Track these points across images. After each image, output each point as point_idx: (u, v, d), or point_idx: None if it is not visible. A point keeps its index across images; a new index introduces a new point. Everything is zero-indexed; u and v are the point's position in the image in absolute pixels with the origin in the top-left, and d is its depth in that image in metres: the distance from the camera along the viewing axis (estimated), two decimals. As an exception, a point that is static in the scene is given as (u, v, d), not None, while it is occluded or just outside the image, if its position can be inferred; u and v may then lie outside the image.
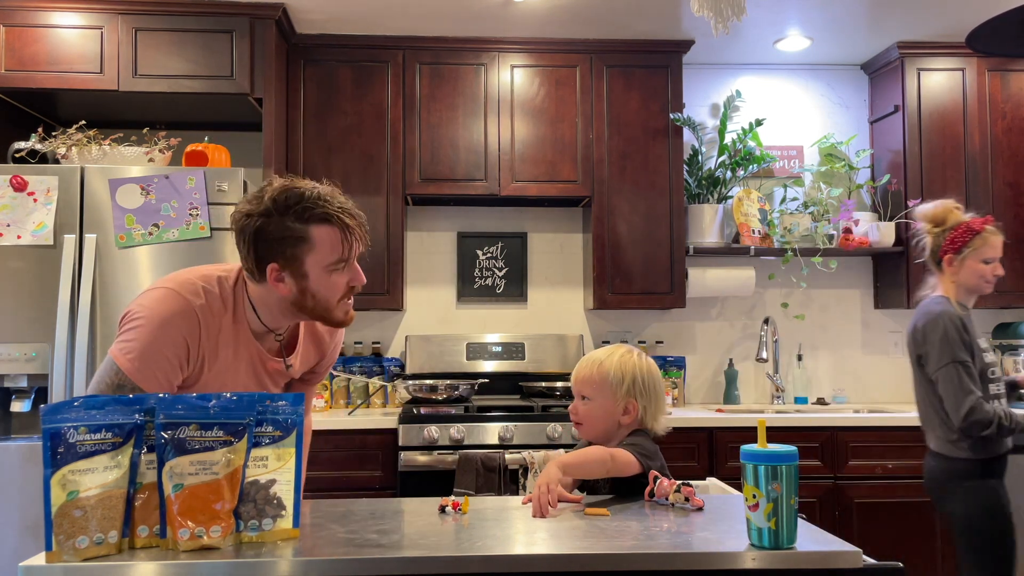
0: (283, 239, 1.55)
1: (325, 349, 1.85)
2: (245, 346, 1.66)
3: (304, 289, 1.58)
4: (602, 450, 1.71)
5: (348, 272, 1.61)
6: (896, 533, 3.32)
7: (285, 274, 1.57)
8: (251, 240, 1.56)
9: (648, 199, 3.73)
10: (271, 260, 1.56)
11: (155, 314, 1.55)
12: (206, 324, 1.59)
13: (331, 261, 1.58)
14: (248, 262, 1.59)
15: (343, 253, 1.58)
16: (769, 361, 3.91)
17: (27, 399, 3.01)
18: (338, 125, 3.64)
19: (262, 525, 1.34)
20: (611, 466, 1.67)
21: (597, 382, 1.85)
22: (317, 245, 1.56)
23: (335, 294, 1.61)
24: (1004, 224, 3.77)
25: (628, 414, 1.83)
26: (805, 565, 1.28)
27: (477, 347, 3.82)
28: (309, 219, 1.55)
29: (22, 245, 2.98)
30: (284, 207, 1.55)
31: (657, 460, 1.76)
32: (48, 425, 1.24)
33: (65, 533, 1.23)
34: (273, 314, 1.65)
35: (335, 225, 1.57)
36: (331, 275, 1.59)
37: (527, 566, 1.28)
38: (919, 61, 3.81)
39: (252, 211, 1.57)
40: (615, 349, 1.89)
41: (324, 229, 1.56)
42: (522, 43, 3.71)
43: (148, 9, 3.28)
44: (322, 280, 1.58)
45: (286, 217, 1.55)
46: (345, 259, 1.59)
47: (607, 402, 1.83)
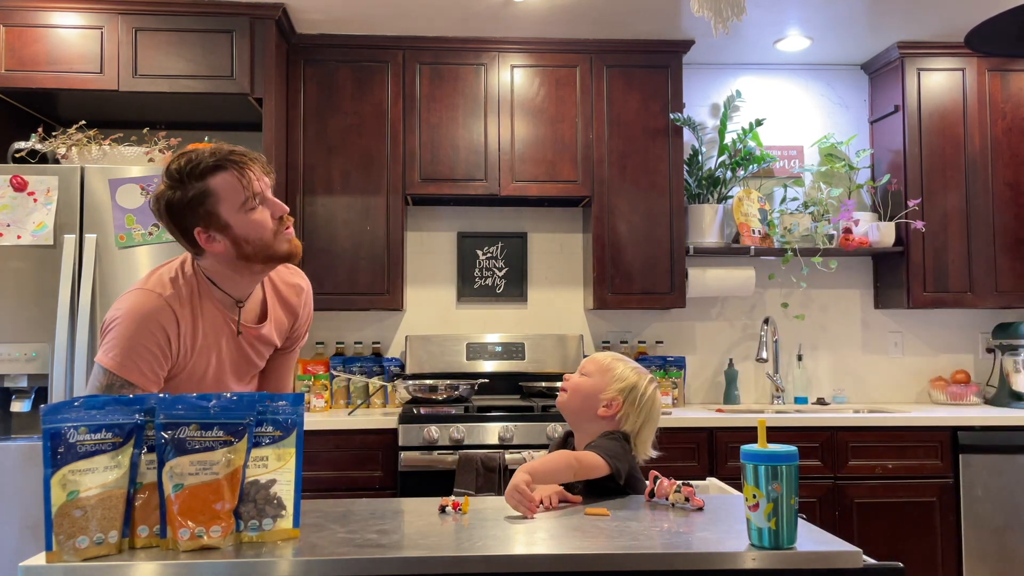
0: (190, 201, 1.61)
1: (296, 310, 1.90)
2: (221, 323, 1.73)
3: (235, 239, 1.64)
4: (567, 454, 1.71)
5: (266, 206, 1.66)
6: (896, 533, 3.32)
7: (211, 232, 1.63)
8: (167, 216, 1.64)
9: (648, 199, 3.73)
10: (193, 226, 1.63)
11: (129, 312, 1.62)
12: (180, 312, 1.66)
13: (240, 201, 1.62)
14: (179, 238, 1.67)
15: (248, 190, 1.63)
16: (769, 361, 3.91)
17: (27, 399, 3.01)
18: (338, 125, 3.64)
19: (262, 525, 1.34)
20: (577, 468, 1.67)
21: (602, 367, 1.88)
22: (221, 193, 1.62)
23: (265, 231, 1.65)
24: (1004, 224, 3.78)
25: (608, 408, 1.83)
26: (805, 565, 1.28)
27: (477, 347, 3.82)
28: (202, 174, 1.61)
29: (22, 245, 2.98)
30: (179, 175, 1.62)
31: (624, 462, 1.74)
32: (48, 425, 1.24)
33: (65, 533, 1.23)
34: (231, 279, 1.71)
35: (227, 169, 1.62)
36: (250, 215, 1.64)
37: (527, 566, 1.28)
38: (919, 61, 3.81)
39: (158, 192, 1.65)
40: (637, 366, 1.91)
41: (220, 177, 1.62)
42: (522, 43, 3.71)
43: (148, 9, 3.28)
44: (243, 222, 1.63)
45: (184, 182, 1.62)
46: (252, 195, 1.64)
47: (598, 384, 1.86)
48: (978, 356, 4.09)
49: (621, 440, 1.80)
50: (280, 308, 1.86)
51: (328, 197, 3.62)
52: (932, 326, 4.10)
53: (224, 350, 1.75)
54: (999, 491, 3.34)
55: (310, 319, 1.97)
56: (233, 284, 1.72)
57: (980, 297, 3.76)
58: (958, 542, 3.33)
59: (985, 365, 4.07)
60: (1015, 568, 3.32)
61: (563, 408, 1.90)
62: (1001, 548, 3.33)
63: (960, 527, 3.33)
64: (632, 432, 1.84)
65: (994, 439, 3.37)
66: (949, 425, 3.37)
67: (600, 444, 1.76)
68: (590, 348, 3.99)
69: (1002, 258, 3.76)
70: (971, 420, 3.39)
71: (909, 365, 4.09)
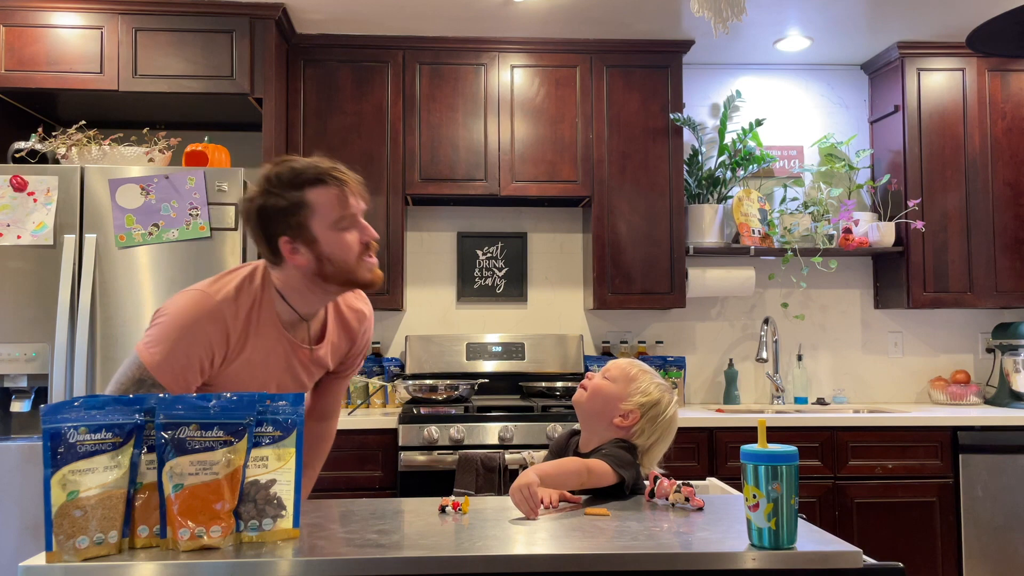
0: (284, 210, 1.59)
1: (354, 336, 1.87)
2: (276, 339, 1.69)
3: (319, 255, 1.61)
4: (579, 462, 1.68)
5: (357, 229, 1.64)
6: (896, 533, 3.32)
7: (297, 244, 1.60)
8: (256, 221, 1.61)
9: (648, 199, 3.73)
10: (280, 234, 1.60)
11: (184, 314, 1.59)
12: (232, 323, 1.62)
13: (334, 219, 1.60)
14: (261, 245, 1.63)
15: (343, 209, 1.61)
16: (769, 361, 3.91)
17: (27, 399, 3.01)
18: (338, 125, 3.64)
19: (262, 525, 1.34)
20: (586, 479, 1.64)
21: (628, 375, 1.84)
22: (316, 207, 1.59)
23: (350, 253, 1.63)
24: (1004, 224, 3.79)
25: (625, 419, 1.80)
26: (805, 565, 1.28)
27: (477, 347, 3.82)
28: (303, 184, 1.59)
29: (22, 245, 2.98)
30: (278, 181, 1.60)
31: (632, 470, 1.72)
32: (48, 425, 1.24)
33: (65, 533, 1.23)
34: (302, 295, 1.67)
35: (329, 184, 1.61)
36: (340, 234, 1.61)
37: (527, 566, 1.28)
38: (919, 61, 3.81)
39: (252, 195, 1.62)
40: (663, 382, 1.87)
41: (319, 190, 1.60)
42: (522, 43, 3.71)
43: (148, 9, 3.28)
44: (332, 240, 1.61)
45: (282, 190, 1.59)
46: (348, 215, 1.62)
47: (619, 392, 1.81)
48: (978, 356, 4.09)
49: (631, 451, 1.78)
50: (339, 332, 1.83)
51: (328, 197, 3.61)
52: (932, 326, 4.10)
53: (272, 367, 1.70)
54: (999, 491, 3.34)
55: (368, 348, 1.95)
56: (303, 300, 1.68)
57: (980, 297, 3.76)
58: (958, 542, 3.33)
59: (985, 365, 4.07)
60: (1015, 568, 3.32)
61: (579, 406, 1.87)
62: (1001, 548, 3.33)
63: (960, 527, 3.33)
64: (643, 447, 1.81)
65: (994, 439, 3.37)
66: (949, 425, 3.37)
67: (611, 452, 1.73)
68: (590, 348, 4.00)
69: (1002, 258, 3.76)
70: (971, 420, 3.39)
71: (909, 365, 4.09)
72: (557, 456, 1.89)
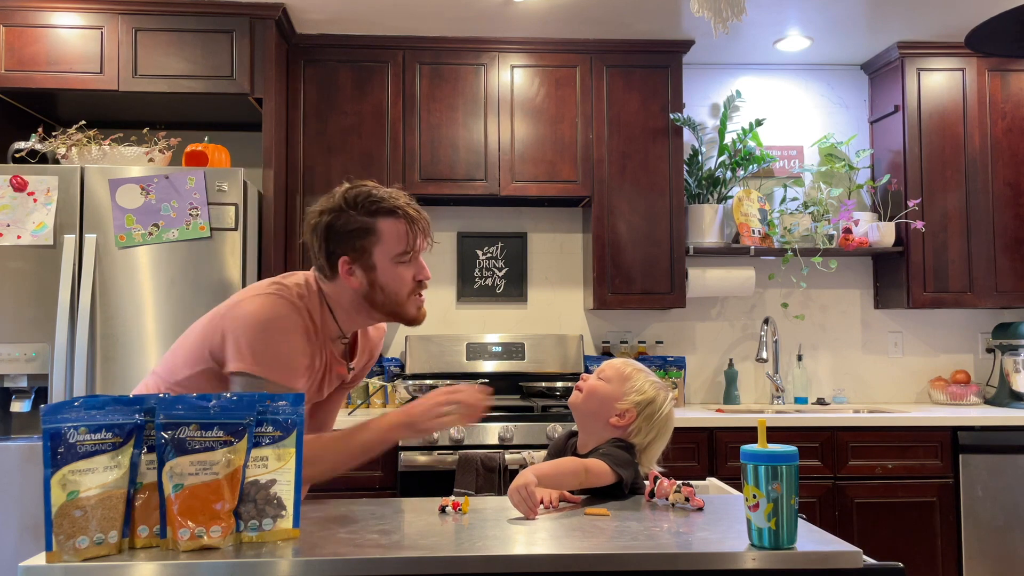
0: (352, 232, 1.64)
1: (375, 352, 1.92)
2: (322, 347, 1.70)
3: (373, 282, 1.66)
4: (576, 461, 1.69)
5: (414, 266, 1.69)
6: (896, 533, 3.32)
7: (355, 267, 1.65)
8: (323, 235, 1.65)
9: (648, 199, 3.73)
10: (342, 253, 1.64)
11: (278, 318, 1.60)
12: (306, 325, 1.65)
13: (397, 252, 1.66)
14: (320, 258, 1.67)
15: (408, 245, 1.66)
16: (769, 361, 3.91)
17: (27, 399, 3.01)
18: (338, 125, 3.64)
19: (262, 525, 1.34)
20: (584, 479, 1.65)
21: (623, 375, 1.84)
22: (383, 236, 1.65)
23: (403, 287, 1.68)
24: (1004, 224, 3.79)
25: (621, 418, 1.80)
26: (805, 565, 1.28)
27: (477, 347, 3.82)
28: (376, 212, 1.65)
29: (22, 245, 2.98)
30: (353, 203, 1.65)
31: (630, 469, 1.73)
32: (48, 425, 1.24)
33: (65, 533, 1.23)
34: (348, 313, 1.70)
35: (400, 218, 1.66)
36: (397, 267, 1.66)
37: (527, 566, 1.28)
38: (919, 61, 3.81)
39: (324, 208, 1.67)
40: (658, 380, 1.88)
41: (390, 222, 1.65)
42: (522, 43, 3.71)
43: (148, 9, 3.28)
44: (389, 272, 1.66)
45: (355, 211, 1.64)
46: (410, 251, 1.67)
47: (614, 392, 1.82)
48: (978, 356, 4.09)
49: (628, 450, 1.78)
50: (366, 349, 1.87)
51: (328, 197, 3.61)
52: (932, 326, 4.10)
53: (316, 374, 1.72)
54: (999, 491, 3.34)
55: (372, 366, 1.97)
56: (347, 318, 1.71)
57: (980, 297, 3.76)
58: (958, 542, 3.33)
59: (985, 365, 4.07)
60: (1015, 568, 3.32)
61: (575, 408, 1.87)
62: (1001, 548, 3.33)
63: (960, 527, 3.33)
64: (640, 446, 1.81)
65: (994, 439, 3.37)
66: (949, 425, 3.37)
67: (609, 452, 1.74)
68: (590, 348, 4.00)
69: (1002, 258, 3.76)
70: (971, 420, 3.39)
71: (909, 365, 4.09)
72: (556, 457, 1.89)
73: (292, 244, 3.57)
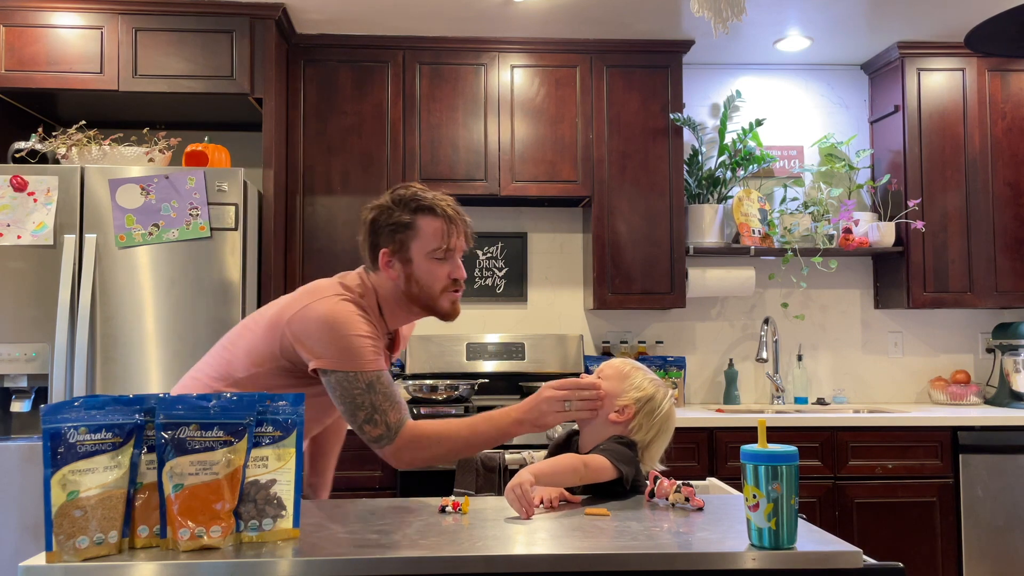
0: (393, 225, 1.78)
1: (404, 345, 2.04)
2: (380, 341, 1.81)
3: (409, 275, 1.79)
4: (575, 458, 1.69)
5: (449, 264, 1.81)
6: (896, 533, 3.32)
7: (394, 259, 1.78)
8: (368, 229, 1.81)
9: (648, 199, 3.73)
10: (383, 246, 1.79)
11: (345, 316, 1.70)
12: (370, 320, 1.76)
13: (432, 248, 1.78)
14: (365, 250, 1.82)
15: (443, 242, 1.78)
16: (769, 361, 3.91)
17: (27, 399, 3.01)
18: (338, 125, 3.64)
19: (262, 525, 1.34)
20: (584, 474, 1.65)
21: (621, 372, 1.85)
22: (421, 232, 1.78)
23: (437, 283, 1.80)
24: (1004, 224, 3.79)
25: (620, 414, 1.80)
26: (805, 565, 1.28)
27: (477, 347, 3.82)
28: (416, 209, 1.78)
29: (22, 245, 2.98)
30: (398, 200, 1.80)
31: (632, 465, 1.73)
32: (48, 425, 1.24)
33: (65, 533, 1.23)
34: (391, 308, 1.83)
35: (439, 216, 1.79)
36: (432, 263, 1.79)
37: (527, 566, 1.28)
38: (919, 61, 3.81)
39: (373, 205, 1.83)
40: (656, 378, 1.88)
41: (428, 219, 1.78)
42: (522, 43, 3.71)
43: (148, 9, 3.28)
44: (424, 267, 1.78)
45: (398, 208, 1.79)
46: (446, 248, 1.79)
47: (613, 389, 1.82)
48: (978, 356, 4.09)
49: (630, 447, 1.78)
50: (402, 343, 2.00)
51: (328, 197, 3.62)
52: (932, 326, 4.10)
53: None
54: (999, 491, 3.34)
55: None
56: (391, 314, 1.84)
57: (980, 297, 3.76)
58: (958, 542, 3.33)
59: (985, 365, 4.07)
60: (1015, 568, 3.32)
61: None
62: (1001, 548, 3.33)
63: (960, 527, 3.33)
64: (642, 444, 1.81)
65: (994, 439, 3.37)
66: (949, 425, 3.37)
67: (609, 447, 1.74)
68: (590, 348, 4.00)
69: (1002, 258, 3.76)
70: (971, 420, 3.39)
71: (909, 365, 4.09)
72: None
73: (292, 244, 3.57)
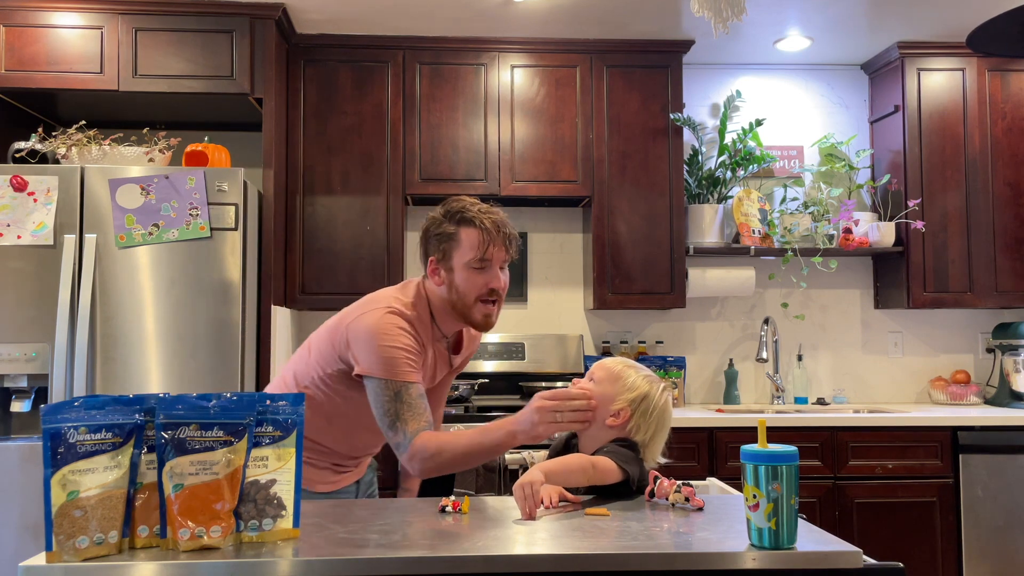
0: (440, 235, 1.91)
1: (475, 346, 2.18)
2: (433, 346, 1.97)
3: (451, 283, 1.90)
4: (583, 458, 1.69)
5: (488, 274, 1.90)
6: (896, 533, 3.32)
7: (439, 267, 1.92)
8: (422, 238, 1.96)
9: (648, 199, 3.73)
10: (431, 254, 1.93)
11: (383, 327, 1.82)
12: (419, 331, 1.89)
13: (470, 258, 1.88)
14: (421, 259, 1.97)
15: (481, 252, 1.88)
16: (769, 361, 3.91)
17: (27, 399, 3.01)
18: (338, 125, 3.64)
19: (262, 525, 1.34)
20: (592, 474, 1.65)
21: (613, 374, 1.83)
22: (462, 243, 1.89)
23: (472, 292, 1.90)
24: (1004, 224, 3.79)
25: (617, 418, 1.80)
26: (805, 565, 1.28)
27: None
28: (460, 221, 1.90)
29: (22, 245, 2.98)
30: (448, 213, 1.92)
31: (636, 465, 1.72)
32: (48, 425, 1.24)
33: (65, 533, 1.23)
34: (440, 313, 1.95)
35: (477, 228, 1.89)
36: (470, 272, 1.89)
37: (527, 566, 1.28)
38: (919, 61, 3.81)
39: (429, 216, 1.96)
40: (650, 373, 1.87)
41: (469, 230, 1.89)
42: (522, 43, 3.71)
43: (148, 9, 3.28)
44: (463, 275, 1.89)
45: (446, 220, 1.92)
46: (483, 259, 1.88)
47: (607, 392, 1.80)
48: (978, 356, 4.09)
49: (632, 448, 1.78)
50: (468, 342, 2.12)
51: (328, 197, 3.62)
52: (932, 326, 4.10)
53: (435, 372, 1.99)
54: (999, 491, 3.34)
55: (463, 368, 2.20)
56: (442, 318, 1.96)
57: (980, 297, 3.76)
58: (958, 542, 3.33)
59: (985, 365, 4.07)
60: (1015, 568, 3.32)
61: None
62: (1001, 548, 3.33)
63: (960, 527, 3.33)
64: (643, 442, 1.80)
65: (994, 439, 3.37)
66: (949, 425, 3.37)
67: (613, 450, 1.73)
68: (590, 348, 4.00)
69: (1002, 258, 3.76)
70: (971, 420, 3.39)
71: (909, 365, 4.09)
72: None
73: (292, 244, 3.57)
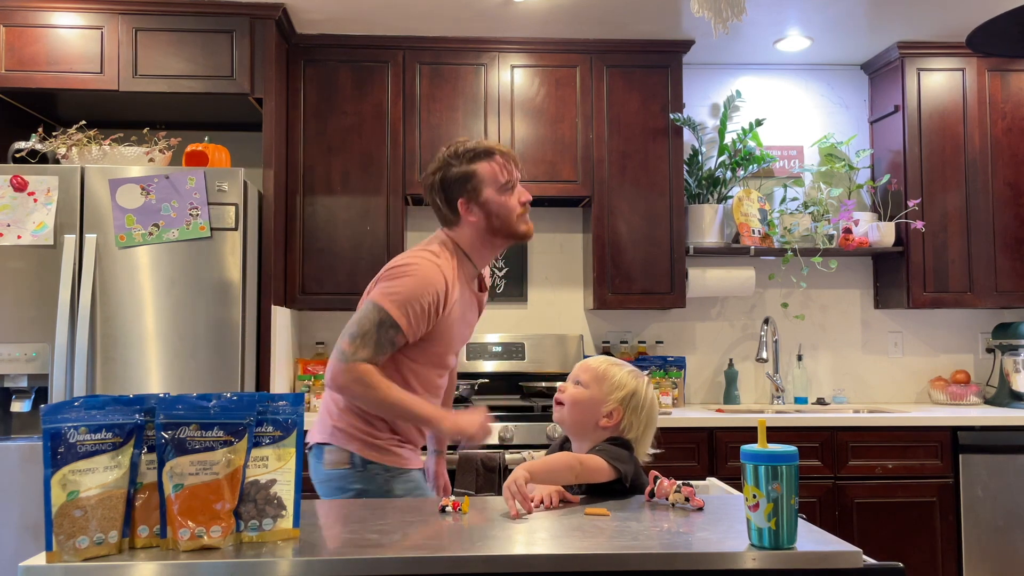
0: (461, 177, 2.01)
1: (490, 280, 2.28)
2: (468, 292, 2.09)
3: (488, 213, 2.02)
4: (570, 456, 1.69)
5: (515, 192, 2.05)
6: (896, 533, 3.32)
7: (472, 205, 2.02)
8: (439, 189, 2.04)
9: (648, 199, 3.73)
10: (458, 197, 2.02)
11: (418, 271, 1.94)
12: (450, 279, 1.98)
13: (499, 184, 2.02)
14: (443, 210, 2.06)
15: (505, 176, 2.02)
16: (769, 361, 3.91)
17: (27, 399, 3.01)
18: (338, 125, 3.64)
19: (262, 525, 1.34)
20: (580, 471, 1.65)
21: (598, 374, 1.84)
22: (485, 175, 2.01)
23: (512, 212, 2.04)
24: (1004, 224, 3.79)
25: (610, 419, 1.80)
26: (805, 565, 1.28)
27: (477, 347, 3.82)
28: (472, 159, 2.02)
29: (22, 245, 2.98)
30: (455, 155, 2.02)
31: (629, 464, 1.72)
32: (48, 425, 1.24)
33: (65, 533, 1.23)
34: (478, 250, 2.07)
35: (491, 158, 2.02)
36: (503, 196, 2.03)
37: (527, 566, 1.28)
38: (919, 61, 3.81)
39: (433, 170, 2.05)
40: (632, 367, 1.88)
41: (486, 163, 2.02)
42: (522, 43, 3.71)
43: (148, 9, 3.28)
44: (498, 202, 2.02)
45: (457, 162, 2.02)
46: (509, 181, 2.03)
47: (596, 395, 1.81)
48: (978, 356, 4.09)
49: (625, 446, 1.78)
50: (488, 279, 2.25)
51: (328, 197, 3.62)
52: (932, 326, 4.10)
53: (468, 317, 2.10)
54: (999, 491, 3.34)
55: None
56: (479, 255, 2.08)
57: (980, 297, 3.76)
58: (958, 542, 3.33)
59: (985, 365, 4.07)
60: (1015, 568, 3.32)
61: (562, 423, 1.87)
62: (1001, 548, 3.33)
63: (960, 527, 3.33)
64: (636, 439, 1.81)
65: (994, 439, 3.37)
66: (949, 425, 3.37)
67: (604, 448, 1.74)
68: (590, 348, 4.00)
69: (1002, 258, 3.76)
70: (971, 420, 3.39)
71: (909, 365, 4.09)
72: None
73: (292, 244, 3.57)
